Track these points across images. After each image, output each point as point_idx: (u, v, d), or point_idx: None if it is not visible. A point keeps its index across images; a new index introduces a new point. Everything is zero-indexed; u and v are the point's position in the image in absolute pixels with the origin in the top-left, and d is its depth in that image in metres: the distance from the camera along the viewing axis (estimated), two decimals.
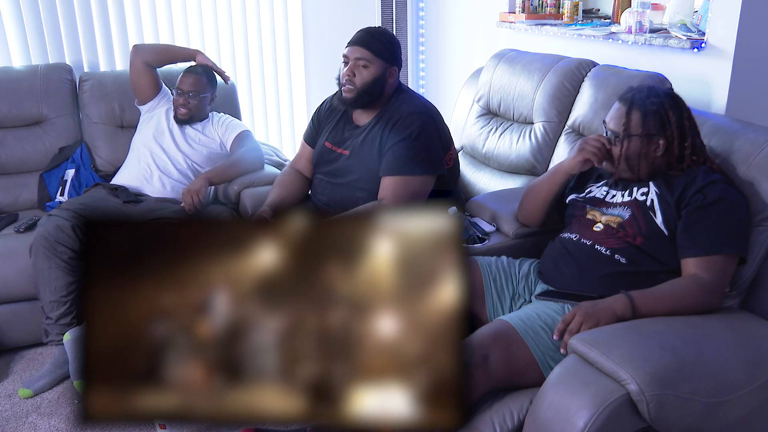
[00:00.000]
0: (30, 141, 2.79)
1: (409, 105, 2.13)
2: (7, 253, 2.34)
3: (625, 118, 1.65)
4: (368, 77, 2.09)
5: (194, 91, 2.62)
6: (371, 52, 2.08)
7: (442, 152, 2.13)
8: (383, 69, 2.10)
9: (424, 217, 0.55)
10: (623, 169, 1.69)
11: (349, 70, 2.10)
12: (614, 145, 1.69)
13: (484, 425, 1.41)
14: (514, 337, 1.47)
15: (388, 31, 2.19)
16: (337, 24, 3.59)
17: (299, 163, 2.40)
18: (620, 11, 2.61)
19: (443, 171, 2.14)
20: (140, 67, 2.70)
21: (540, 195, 1.88)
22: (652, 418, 1.25)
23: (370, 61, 2.08)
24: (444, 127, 2.18)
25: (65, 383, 2.21)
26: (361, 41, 2.10)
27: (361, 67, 2.08)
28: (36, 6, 2.97)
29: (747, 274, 1.59)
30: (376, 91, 2.11)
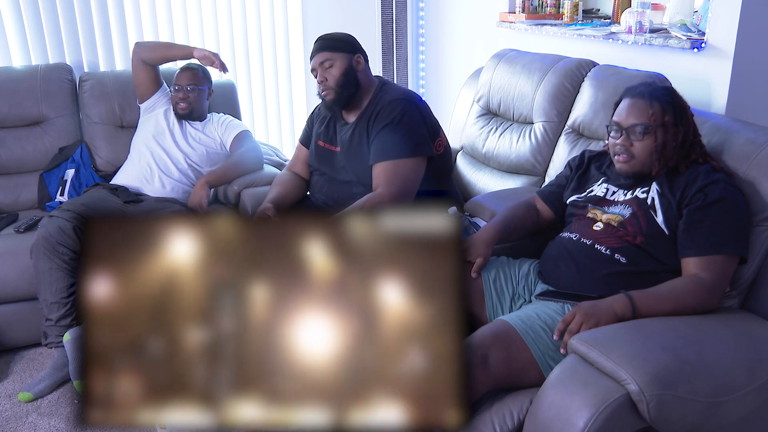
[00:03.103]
0: (30, 141, 2.80)
1: (390, 94, 2.18)
2: (7, 253, 2.34)
3: (651, 109, 1.62)
4: (337, 73, 2.16)
5: (192, 85, 2.64)
6: (329, 51, 2.17)
7: (427, 135, 2.17)
8: (347, 60, 2.17)
9: (423, 218, 0.55)
10: (644, 163, 1.65)
11: (320, 77, 2.19)
12: (638, 140, 1.64)
13: (484, 425, 1.41)
14: (514, 337, 1.47)
15: (342, 32, 2.26)
16: (337, 24, 3.59)
17: (296, 166, 2.44)
18: (620, 11, 2.61)
19: (432, 153, 2.16)
20: (138, 64, 2.72)
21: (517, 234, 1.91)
22: (652, 418, 1.25)
23: (332, 58, 2.16)
24: (429, 114, 2.22)
25: (65, 384, 2.21)
26: (318, 48, 2.20)
27: (328, 68, 2.17)
28: (36, 6, 2.97)
29: (747, 274, 1.59)
30: (351, 83, 2.17)
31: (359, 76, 2.19)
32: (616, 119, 1.68)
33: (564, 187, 1.90)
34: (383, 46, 3.78)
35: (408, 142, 2.09)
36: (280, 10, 3.51)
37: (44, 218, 2.36)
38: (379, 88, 2.22)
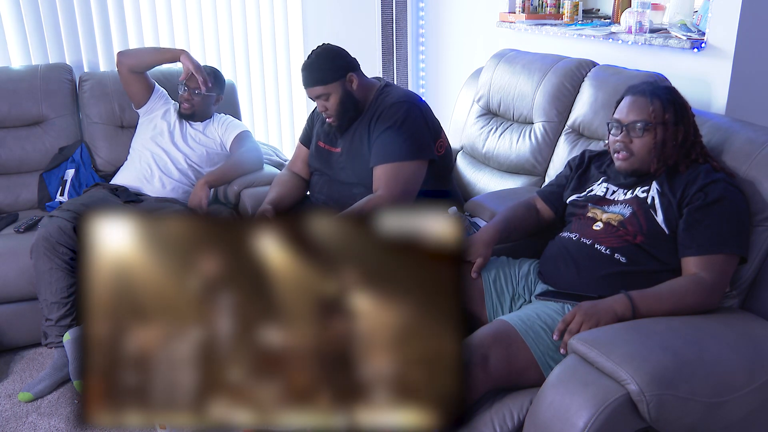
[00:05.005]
0: (30, 141, 2.79)
1: (392, 96, 2.17)
2: (7, 253, 2.34)
3: (652, 106, 1.63)
4: (335, 103, 2.14)
5: (199, 89, 2.63)
6: (319, 84, 2.12)
7: (429, 138, 2.16)
8: (340, 86, 2.13)
9: (423, 217, 0.55)
10: (643, 160, 1.65)
11: (320, 107, 2.18)
12: (637, 137, 1.64)
13: (484, 425, 1.41)
14: (514, 337, 1.47)
15: (325, 49, 2.17)
16: (337, 24, 3.59)
17: (296, 165, 2.43)
18: (620, 11, 2.61)
19: (433, 156, 2.16)
20: (126, 74, 2.68)
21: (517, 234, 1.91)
22: (652, 418, 1.25)
23: (325, 91, 2.13)
24: (431, 115, 2.21)
25: (65, 384, 2.21)
26: (306, 81, 2.15)
27: (324, 100, 2.15)
28: (36, 6, 2.96)
29: (747, 273, 1.59)
30: (351, 105, 2.16)
31: (356, 96, 2.17)
32: (617, 116, 1.69)
33: (564, 186, 1.90)
34: (383, 46, 3.78)
35: (410, 145, 2.09)
36: (280, 10, 3.51)
37: (44, 218, 2.36)
38: (381, 89, 2.21)
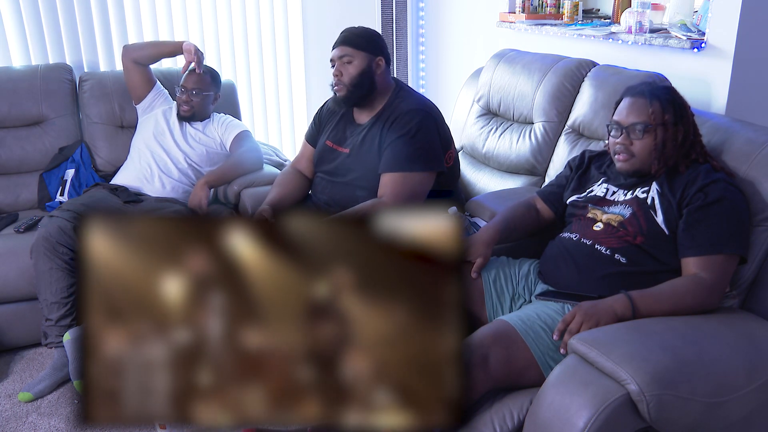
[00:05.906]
0: (30, 141, 2.79)
1: (408, 103, 2.15)
2: (7, 253, 2.33)
3: (651, 108, 1.63)
4: (354, 71, 2.14)
5: (197, 89, 2.64)
6: (352, 47, 2.14)
7: (441, 150, 2.15)
8: (368, 60, 2.15)
9: (424, 217, 0.55)
10: (644, 162, 1.65)
11: (336, 71, 2.17)
12: (638, 138, 1.64)
13: (484, 425, 1.41)
14: (514, 337, 1.47)
15: (370, 29, 2.23)
16: (337, 24, 3.58)
17: (300, 163, 2.42)
18: (620, 11, 2.61)
19: (442, 168, 2.15)
20: (129, 65, 2.73)
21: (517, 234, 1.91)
22: (652, 418, 1.25)
23: (352, 55, 2.14)
24: (444, 126, 2.19)
25: (65, 384, 2.21)
26: (341, 40, 2.17)
27: (346, 63, 2.15)
28: (36, 6, 2.96)
29: (747, 274, 1.59)
30: (366, 84, 2.15)
31: (376, 79, 2.16)
32: (617, 118, 1.69)
33: (564, 187, 1.90)
34: None
35: (420, 156, 2.08)
36: (280, 10, 3.51)
37: (44, 218, 2.36)
38: (396, 93, 2.20)
